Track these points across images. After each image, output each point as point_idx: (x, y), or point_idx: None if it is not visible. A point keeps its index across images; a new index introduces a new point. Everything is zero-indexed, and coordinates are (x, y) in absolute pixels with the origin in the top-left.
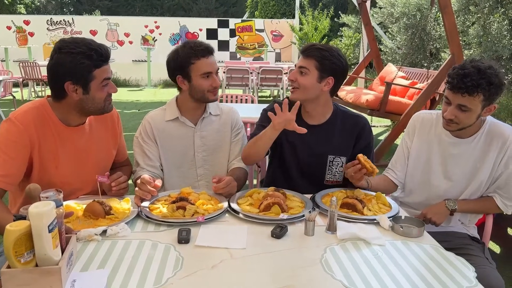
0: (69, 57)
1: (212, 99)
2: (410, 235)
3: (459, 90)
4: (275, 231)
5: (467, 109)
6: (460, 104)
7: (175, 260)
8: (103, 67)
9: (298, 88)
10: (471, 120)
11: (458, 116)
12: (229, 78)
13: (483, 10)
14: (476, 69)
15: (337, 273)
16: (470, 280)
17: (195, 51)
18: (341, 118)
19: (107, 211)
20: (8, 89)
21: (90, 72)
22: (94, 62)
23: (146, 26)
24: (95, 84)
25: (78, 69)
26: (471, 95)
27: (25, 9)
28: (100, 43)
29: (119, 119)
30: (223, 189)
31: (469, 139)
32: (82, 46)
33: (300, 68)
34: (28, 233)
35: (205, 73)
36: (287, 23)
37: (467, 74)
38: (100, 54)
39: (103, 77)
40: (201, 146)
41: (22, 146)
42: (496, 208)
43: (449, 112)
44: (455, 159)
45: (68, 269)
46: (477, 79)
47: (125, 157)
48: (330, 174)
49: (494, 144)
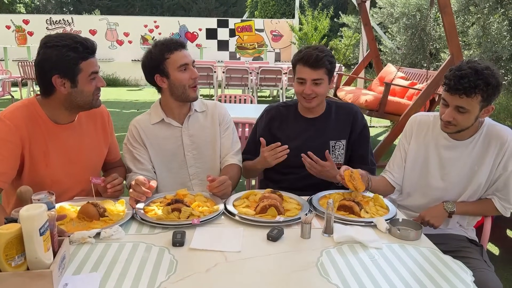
0: (55, 51)
1: (193, 97)
2: (408, 238)
3: (457, 91)
4: (271, 233)
5: (465, 110)
6: (458, 106)
7: (169, 263)
8: (89, 60)
9: (316, 97)
10: (469, 121)
11: (456, 118)
12: (229, 78)
13: (482, 11)
14: (473, 70)
15: (333, 277)
16: (468, 284)
17: (167, 46)
18: (334, 108)
19: (101, 213)
20: (7, 89)
21: (76, 65)
22: (80, 55)
23: (146, 25)
24: (83, 77)
25: (65, 62)
26: (469, 96)
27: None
28: (86, 37)
29: (110, 117)
30: (217, 188)
31: (466, 142)
32: (67, 40)
33: (314, 80)
34: (19, 236)
35: (182, 65)
36: (287, 23)
37: (464, 75)
38: (85, 47)
39: (90, 70)
40: (190, 145)
41: (13, 145)
42: (495, 210)
43: (447, 114)
44: (452, 161)
45: (60, 273)
46: (474, 80)
47: (118, 157)
48: (334, 157)
49: (492, 146)
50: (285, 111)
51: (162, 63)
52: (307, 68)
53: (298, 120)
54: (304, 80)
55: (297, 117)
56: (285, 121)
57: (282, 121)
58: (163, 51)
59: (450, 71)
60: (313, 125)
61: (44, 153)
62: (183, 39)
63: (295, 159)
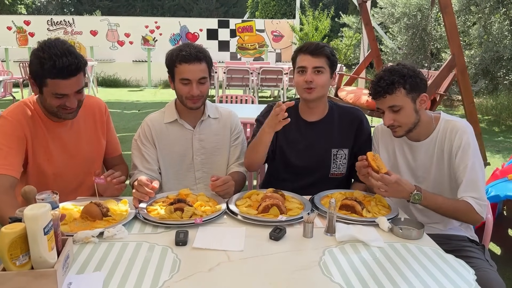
0: (33, 56)
1: (189, 106)
2: (410, 237)
3: (379, 94)
4: (273, 233)
5: (398, 107)
6: (389, 106)
7: (172, 262)
8: (57, 80)
9: (315, 88)
10: (410, 117)
11: (395, 118)
12: (230, 78)
13: (484, 10)
14: (387, 71)
15: (335, 276)
16: (470, 283)
17: (178, 56)
18: (338, 113)
19: (104, 213)
20: (8, 89)
21: (42, 79)
22: (46, 72)
23: (147, 26)
24: (47, 91)
25: (33, 70)
26: (391, 93)
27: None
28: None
29: (107, 109)
30: (220, 187)
31: (426, 141)
32: (47, 52)
33: (315, 68)
34: (24, 236)
35: (183, 79)
36: (288, 23)
37: (380, 77)
38: (54, 67)
39: (56, 91)
40: (200, 149)
41: (18, 138)
42: (474, 211)
43: (386, 118)
44: (418, 162)
45: (64, 272)
46: (389, 77)
47: (118, 152)
48: (335, 167)
49: (450, 141)
50: (287, 110)
51: (173, 68)
52: (307, 55)
53: (298, 123)
54: (304, 68)
55: (298, 119)
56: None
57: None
58: (176, 57)
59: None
60: (314, 129)
61: (44, 148)
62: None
63: (294, 163)
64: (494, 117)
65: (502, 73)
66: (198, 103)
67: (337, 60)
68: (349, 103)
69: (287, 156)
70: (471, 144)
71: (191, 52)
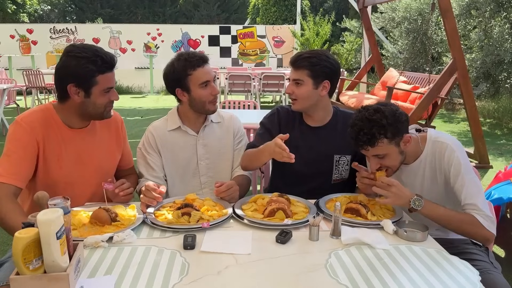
0: (75, 61)
1: (212, 110)
2: (414, 239)
3: (361, 147)
4: (279, 236)
5: (383, 155)
6: (374, 155)
7: (181, 266)
8: (106, 74)
9: (297, 100)
10: (396, 160)
11: (383, 163)
12: (231, 84)
13: (484, 14)
14: (365, 120)
15: (342, 278)
16: (475, 284)
17: (190, 62)
18: (342, 118)
19: (113, 218)
20: (12, 97)
21: (93, 77)
22: (98, 68)
23: (149, 33)
24: (97, 90)
25: (82, 72)
26: (374, 145)
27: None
28: (108, 52)
29: (123, 124)
30: (224, 192)
31: (415, 164)
32: (88, 52)
33: (294, 81)
34: (37, 240)
35: (203, 82)
36: (289, 28)
37: (359, 129)
38: (105, 61)
39: (106, 85)
40: (204, 154)
41: (30, 146)
42: (477, 223)
43: (373, 164)
44: (408, 183)
45: (75, 276)
46: (369, 130)
47: (131, 164)
48: (337, 173)
49: (438, 160)
50: (292, 115)
51: (185, 79)
52: (291, 68)
53: (302, 127)
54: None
55: (301, 124)
56: (290, 126)
57: (288, 125)
58: (186, 67)
59: (349, 129)
60: (317, 134)
61: (58, 156)
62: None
63: (297, 168)
64: (496, 120)
65: (503, 76)
66: (216, 105)
67: (327, 69)
68: (351, 108)
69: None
70: (461, 161)
71: (199, 56)
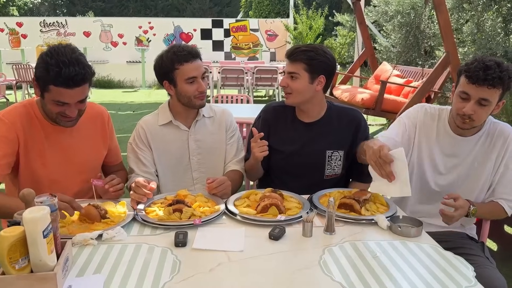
0: (40, 59)
1: (198, 105)
2: (409, 235)
3: (484, 82)
4: (272, 232)
5: (487, 103)
6: (482, 98)
7: (172, 264)
8: (60, 88)
9: (291, 93)
10: (486, 115)
11: (477, 111)
12: (224, 78)
13: (477, 8)
14: (496, 63)
15: (336, 275)
16: (469, 279)
17: (178, 56)
18: (336, 113)
19: (102, 215)
20: (2, 92)
21: (45, 84)
22: (51, 78)
23: (140, 26)
24: (48, 97)
25: (39, 74)
26: (494, 87)
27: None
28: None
29: (110, 119)
30: (215, 188)
31: (470, 138)
32: (55, 57)
33: (289, 74)
34: (23, 239)
35: (189, 78)
36: (282, 22)
37: (489, 67)
38: (59, 75)
39: (57, 98)
40: (196, 149)
41: (9, 140)
42: (504, 212)
43: (470, 107)
44: (454, 157)
45: (63, 275)
46: (499, 71)
47: (119, 160)
48: (330, 169)
49: (495, 143)
50: (282, 112)
51: (171, 72)
52: (287, 60)
53: (294, 123)
54: (285, 72)
55: (294, 120)
56: (281, 123)
57: (278, 123)
58: (173, 60)
59: (472, 64)
60: (310, 130)
61: (41, 152)
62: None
63: (290, 164)
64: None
65: None
66: (204, 99)
67: (324, 63)
68: (344, 102)
69: (281, 158)
70: None
71: (188, 51)
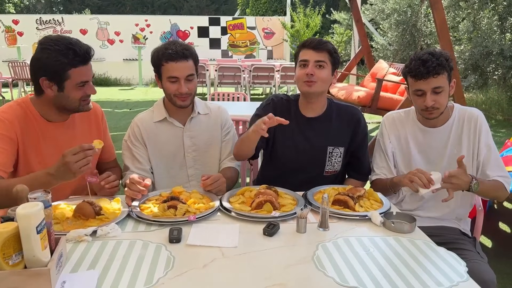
0: (46, 54)
1: (179, 105)
2: (402, 230)
3: (429, 74)
4: (267, 229)
5: (441, 89)
6: (434, 87)
7: (166, 259)
8: (79, 68)
9: (316, 82)
10: (446, 100)
11: (437, 100)
12: (221, 76)
13: (473, 6)
14: (430, 53)
15: (329, 270)
16: (462, 275)
17: (165, 53)
18: (336, 110)
19: (97, 212)
20: None
21: (65, 71)
22: (70, 61)
23: (137, 24)
24: (70, 84)
25: (53, 66)
26: (439, 74)
27: (14, 8)
28: (85, 44)
29: (104, 116)
30: (210, 185)
31: (442, 127)
32: (61, 44)
33: (317, 62)
34: (16, 235)
35: (171, 77)
36: (279, 20)
37: (426, 60)
38: (77, 54)
39: (80, 79)
40: (191, 146)
41: (10, 139)
42: (504, 189)
43: (429, 99)
44: (433, 148)
45: (57, 271)
46: (436, 59)
47: (113, 157)
48: (330, 165)
49: (466, 126)
50: (287, 105)
51: (159, 67)
52: (310, 50)
53: (297, 117)
54: (306, 61)
55: (297, 114)
56: (286, 116)
57: (283, 114)
58: (162, 56)
59: (411, 64)
60: (312, 125)
61: (37, 150)
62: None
63: (291, 158)
64: (484, 111)
65: (491, 68)
66: (187, 101)
67: (339, 58)
68: (340, 100)
69: (283, 152)
70: (488, 128)
71: (177, 50)
